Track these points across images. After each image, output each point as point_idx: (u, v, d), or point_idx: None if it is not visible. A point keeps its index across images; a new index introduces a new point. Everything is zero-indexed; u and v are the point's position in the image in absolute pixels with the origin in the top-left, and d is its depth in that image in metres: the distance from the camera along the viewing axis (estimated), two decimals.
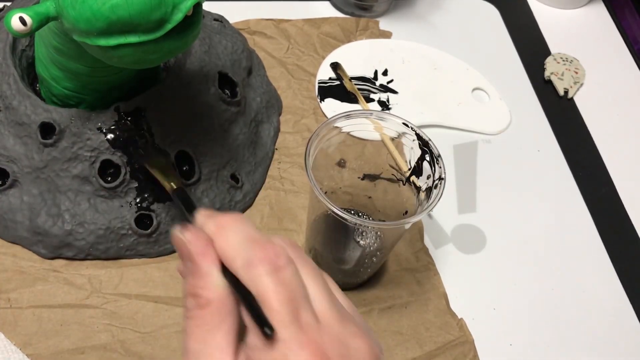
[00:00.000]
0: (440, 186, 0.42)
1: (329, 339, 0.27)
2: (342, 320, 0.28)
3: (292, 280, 0.27)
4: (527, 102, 0.65)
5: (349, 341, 0.27)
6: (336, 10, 0.69)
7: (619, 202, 0.58)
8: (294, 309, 0.27)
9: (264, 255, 0.27)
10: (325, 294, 0.28)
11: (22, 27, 0.36)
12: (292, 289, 0.27)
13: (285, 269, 0.27)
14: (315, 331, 0.27)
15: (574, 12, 0.75)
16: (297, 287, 0.27)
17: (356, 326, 0.28)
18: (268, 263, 0.27)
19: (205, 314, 0.28)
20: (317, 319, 0.27)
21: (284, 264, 0.27)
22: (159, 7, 0.35)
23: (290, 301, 0.27)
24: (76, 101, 0.47)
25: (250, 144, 0.54)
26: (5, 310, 0.45)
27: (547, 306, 0.51)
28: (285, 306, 0.26)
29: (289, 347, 0.26)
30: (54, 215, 0.47)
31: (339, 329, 0.27)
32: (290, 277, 0.27)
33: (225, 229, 0.29)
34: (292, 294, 0.27)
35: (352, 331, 0.28)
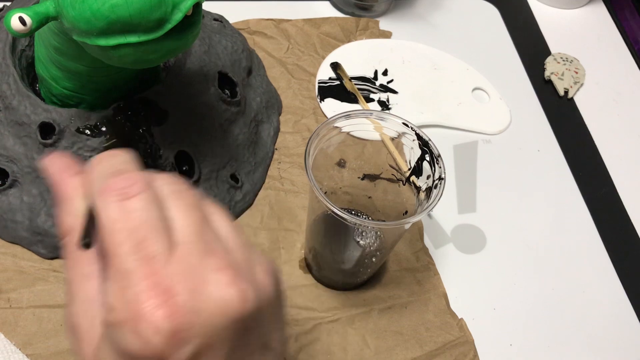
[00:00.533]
0: (440, 186, 0.42)
1: (178, 270, 0.24)
2: (205, 251, 0.25)
3: (141, 209, 0.25)
4: (527, 102, 0.65)
5: (207, 275, 0.24)
6: (336, 10, 0.69)
7: (619, 202, 0.58)
8: (138, 239, 0.24)
9: (115, 184, 0.25)
10: (193, 227, 0.25)
11: (21, 27, 0.36)
12: (138, 217, 0.25)
13: (136, 197, 0.25)
14: (161, 262, 0.24)
15: (574, 12, 0.75)
16: (147, 216, 0.25)
17: (221, 259, 0.25)
18: (117, 191, 0.25)
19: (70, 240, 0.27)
20: (170, 250, 0.24)
21: (135, 192, 0.25)
22: (158, 6, 0.35)
23: (133, 229, 0.24)
24: (76, 101, 0.47)
25: (250, 144, 0.54)
26: (5, 310, 0.45)
27: (547, 306, 0.51)
28: (126, 234, 0.24)
29: (126, 278, 0.24)
30: (54, 215, 0.47)
31: (197, 261, 0.24)
32: (140, 205, 0.25)
33: (97, 162, 0.27)
34: (137, 222, 0.24)
35: (213, 263, 0.24)
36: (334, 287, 0.49)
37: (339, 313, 0.48)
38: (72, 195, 0.27)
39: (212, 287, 0.24)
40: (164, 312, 0.23)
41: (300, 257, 0.51)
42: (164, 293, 0.23)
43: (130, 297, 0.23)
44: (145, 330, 0.23)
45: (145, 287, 0.23)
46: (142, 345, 0.23)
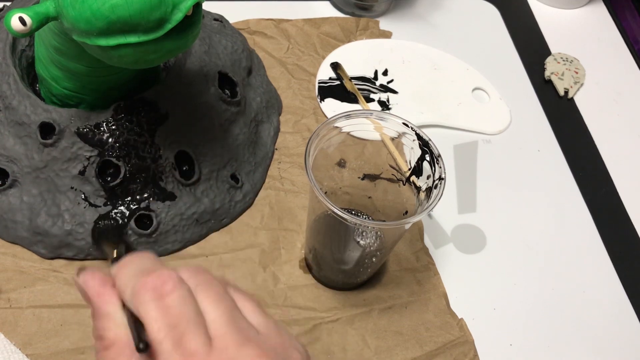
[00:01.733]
0: (440, 186, 0.42)
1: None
2: (240, 342, 0.26)
3: (178, 305, 0.26)
4: (527, 102, 0.65)
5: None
6: (336, 10, 0.69)
7: (619, 202, 0.58)
8: (178, 336, 0.26)
9: (149, 282, 0.27)
10: (225, 317, 0.27)
11: (21, 27, 0.36)
12: (176, 313, 0.26)
13: (171, 295, 0.26)
14: (202, 357, 0.25)
15: (574, 12, 0.75)
16: (184, 312, 0.26)
17: (257, 347, 0.26)
18: (152, 290, 0.27)
19: (110, 354, 0.27)
20: (209, 344, 0.26)
21: (169, 289, 0.27)
22: (158, 6, 0.35)
23: (172, 327, 0.26)
24: (76, 101, 0.47)
25: (250, 144, 0.54)
26: (5, 310, 0.45)
27: (547, 306, 0.51)
28: (166, 332, 0.26)
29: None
30: (54, 215, 0.47)
31: (234, 352, 0.26)
32: (176, 302, 0.26)
33: (122, 265, 0.29)
34: (176, 319, 0.26)
35: (250, 354, 0.26)
36: (334, 287, 0.49)
37: (339, 313, 0.48)
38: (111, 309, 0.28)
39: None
40: None
41: (300, 257, 0.51)
42: None
43: None
44: None
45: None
46: None
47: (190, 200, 0.49)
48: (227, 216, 0.51)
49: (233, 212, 0.51)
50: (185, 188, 0.49)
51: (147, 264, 0.29)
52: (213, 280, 0.28)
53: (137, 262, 0.29)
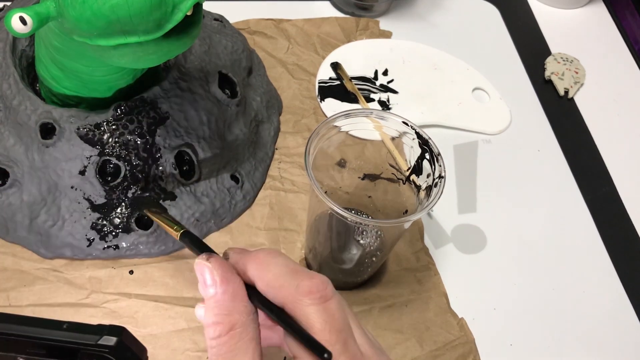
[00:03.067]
0: (440, 184, 0.42)
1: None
2: (379, 354, 0.29)
3: (339, 312, 0.28)
4: (527, 102, 0.65)
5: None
6: (336, 10, 0.69)
7: (619, 202, 0.58)
8: (344, 340, 0.27)
9: (311, 285, 0.28)
10: (360, 329, 0.29)
11: (22, 27, 0.36)
12: (339, 319, 0.28)
13: (332, 300, 0.28)
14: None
15: (574, 12, 0.75)
16: (344, 319, 0.28)
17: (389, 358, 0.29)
18: (316, 293, 0.28)
19: (230, 339, 0.28)
20: (361, 352, 0.28)
21: (331, 295, 0.28)
22: (159, 7, 0.35)
23: (339, 332, 0.27)
24: (76, 101, 0.47)
25: (250, 144, 0.54)
26: (4, 308, 0.45)
27: (547, 306, 0.51)
28: (336, 336, 0.27)
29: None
30: (54, 215, 0.47)
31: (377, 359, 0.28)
32: (337, 309, 0.28)
33: (263, 260, 0.30)
34: (341, 325, 0.27)
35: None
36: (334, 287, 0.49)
37: None
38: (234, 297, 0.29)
39: None
40: None
41: (301, 257, 0.51)
42: None
43: None
44: None
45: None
46: None
47: (190, 200, 0.49)
48: (227, 216, 0.51)
49: (233, 212, 0.51)
50: (185, 188, 0.49)
51: (290, 263, 0.29)
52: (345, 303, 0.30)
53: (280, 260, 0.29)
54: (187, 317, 0.46)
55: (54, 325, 0.33)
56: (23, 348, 0.33)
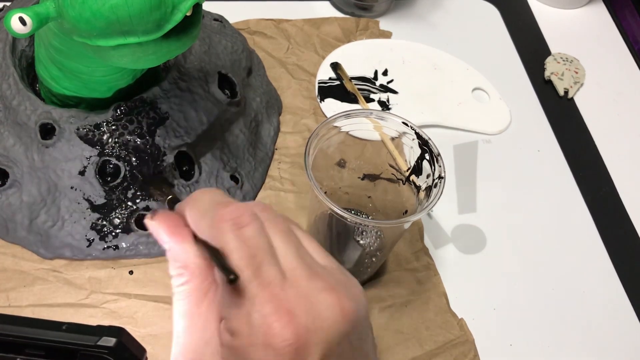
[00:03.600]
0: (440, 185, 0.42)
1: (293, 294, 0.27)
2: (310, 276, 0.28)
3: (255, 237, 0.27)
4: (527, 102, 0.65)
5: (315, 296, 0.27)
6: (336, 10, 0.69)
7: (619, 202, 0.58)
8: (256, 265, 0.27)
9: (227, 214, 0.28)
10: (293, 251, 0.28)
11: (21, 28, 0.36)
12: (254, 244, 0.27)
13: (248, 226, 0.27)
14: (279, 287, 0.26)
15: (574, 12, 0.75)
16: (260, 244, 0.27)
17: (325, 281, 0.28)
18: (230, 220, 0.27)
19: (189, 288, 0.29)
20: (282, 275, 0.27)
21: (247, 221, 0.27)
22: (158, 7, 0.35)
23: (251, 257, 0.27)
24: (76, 101, 0.47)
25: (250, 144, 0.54)
26: (4, 309, 0.45)
27: (547, 306, 0.51)
28: (246, 262, 0.27)
29: (252, 302, 0.26)
30: (54, 215, 0.47)
31: (305, 284, 0.27)
32: (253, 234, 0.27)
33: (194, 199, 0.30)
34: (254, 250, 0.27)
35: (319, 286, 0.27)
36: None
37: None
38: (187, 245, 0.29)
39: (323, 307, 0.27)
40: (291, 330, 0.26)
41: None
42: (287, 314, 0.26)
43: (256, 320, 0.26)
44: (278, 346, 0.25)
45: (270, 310, 0.26)
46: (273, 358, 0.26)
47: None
48: None
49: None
50: (185, 188, 0.49)
51: (218, 197, 0.29)
52: (279, 217, 0.29)
53: (208, 195, 0.30)
54: None
55: (53, 326, 0.33)
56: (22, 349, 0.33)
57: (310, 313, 0.26)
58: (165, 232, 0.30)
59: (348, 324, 0.27)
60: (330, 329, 0.27)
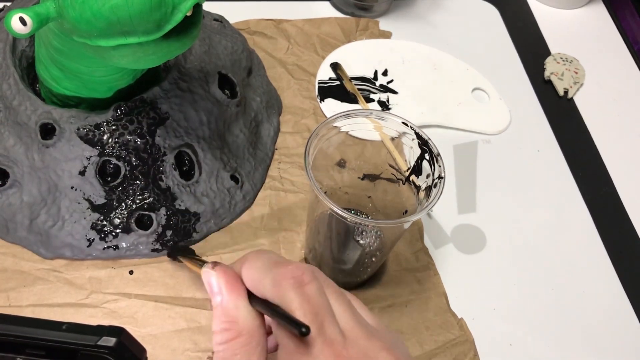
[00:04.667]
0: (439, 185, 0.42)
1: (355, 352, 0.27)
2: (368, 336, 0.28)
3: (317, 296, 0.28)
4: (527, 102, 0.65)
5: (376, 355, 0.28)
6: (336, 10, 0.69)
7: (619, 202, 0.58)
8: (320, 323, 0.27)
9: (288, 272, 0.28)
10: (349, 312, 0.29)
11: (22, 28, 0.36)
12: (316, 303, 0.28)
13: (310, 285, 0.28)
14: (341, 345, 0.27)
15: (574, 12, 0.75)
16: (322, 302, 0.28)
17: (382, 341, 0.28)
18: (293, 278, 0.28)
19: (236, 344, 0.29)
20: (343, 335, 0.28)
21: (308, 280, 0.28)
22: (158, 7, 0.35)
23: (315, 315, 0.27)
24: (76, 101, 0.47)
25: (250, 144, 0.54)
26: (4, 309, 0.45)
27: (547, 306, 0.51)
28: (311, 318, 0.27)
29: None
30: (54, 215, 0.47)
31: (365, 343, 0.28)
32: (315, 293, 0.28)
33: (250, 259, 0.30)
34: (317, 308, 0.28)
35: (378, 346, 0.28)
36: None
37: None
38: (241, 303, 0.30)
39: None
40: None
41: (301, 257, 0.51)
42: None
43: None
44: None
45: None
46: None
47: (190, 200, 0.49)
48: (227, 216, 0.51)
49: (233, 212, 0.51)
50: (185, 188, 0.49)
51: (274, 257, 0.30)
52: (328, 279, 0.30)
53: (265, 255, 0.30)
54: (186, 317, 0.46)
55: (53, 326, 0.33)
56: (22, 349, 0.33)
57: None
58: (224, 285, 0.30)
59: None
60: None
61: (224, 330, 0.29)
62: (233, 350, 0.29)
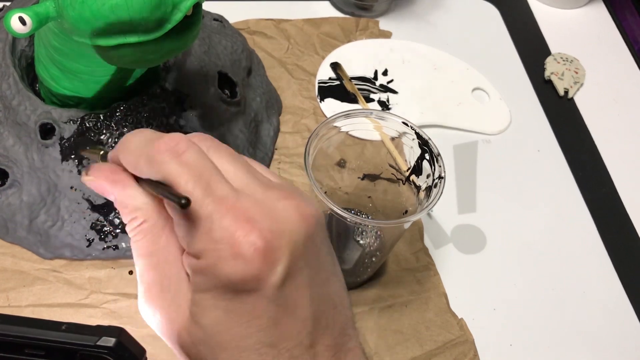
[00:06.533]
0: (440, 185, 0.42)
1: (250, 203, 0.26)
2: (264, 188, 0.27)
3: (197, 159, 0.27)
4: (527, 102, 0.65)
5: (274, 203, 0.27)
6: (336, 10, 0.69)
7: (619, 202, 0.58)
8: (205, 184, 0.26)
9: (162, 145, 0.27)
10: (243, 170, 0.28)
11: (21, 27, 0.36)
12: (197, 167, 0.27)
13: (187, 152, 0.27)
14: (234, 199, 0.26)
15: (574, 12, 0.75)
16: (204, 165, 0.27)
17: (280, 191, 0.28)
18: (167, 151, 0.27)
19: (145, 227, 0.29)
20: (235, 190, 0.27)
21: (184, 148, 0.27)
22: (158, 7, 0.35)
23: (198, 177, 0.26)
24: (76, 101, 0.47)
25: (250, 144, 0.54)
26: (4, 309, 0.45)
27: (547, 306, 0.51)
28: (193, 183, 0.26)
29: (210, 219, 0.26)
30: (54, 215, 0.47)
31: (261, 194, 0.27)
32: (194, 158, 0.27)
33: (123, 141, 0.29)
34: (198, 170, 0.27)
35: (275, 195, 0.27)
36: None
37: None
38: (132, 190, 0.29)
39: (283, 212, 0.27)
40: (255, 235, 0.25)
41: None
42: (247, 222, 0.26)
43: (219, 235, 0.26)
44: (246, 253, 0.25)
45: (230, 221, 0.26)
46: (245, 266, 0.25)
47: None
48: None
49: None
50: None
51: (149, 134, 0.29)
52: (223, 144, 0.29)
53: (138, 135, 0.29)
54: None
55: (52, 326, 0.33)
56: (22, 349, 0.33)
57: (271, 218, 0.26)
58: (106, 183, 0.29)
59: (310, 226, 0.27)
60: (294, 231, 0.26)
61: (131, 221, 0.29)
62: (144, 232, 0.29)
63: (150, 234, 0.29)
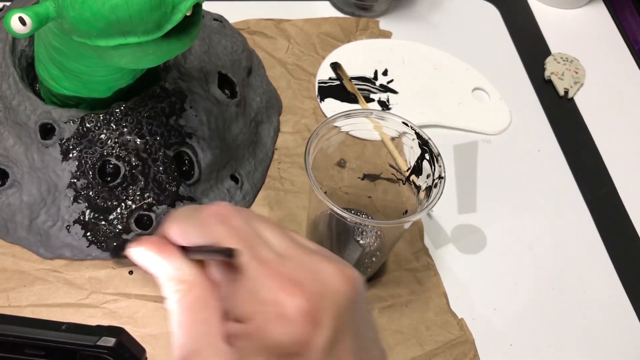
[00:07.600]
0: (440, 185, 0.42)
1: (294, 267, 0.27)
2: (306, 252, 0.28)
3: (243, 225, 0.28)
4: (527, 102, 0.65)
5: (317, 266, 0.27)
6: (336, 10, 0.69)
7: (619, 202, 0.58)
8: (251, 247, 0.27)
9: (212, 210, 0.28)
10: (283, 236, 0.29)
11: (21, 28, 0.36)
12: (244, 231, 0.28)
13: (234, 217, 0.28)
14: (278, 263, 0.27)
15: (574, 12, 0.75)
16: (250, 230, 0.28)
17: (321, 256, 0.28)
18: (216, 215, 0.28)
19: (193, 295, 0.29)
20: (278, 255, 0.27)
21: (232, 214, 0.28)
22: (158, 7, 0.35)
23: (244, 240, 0.27)
24: (76, 101, 0.47)
25: (250, 144, 0.54)
26: (4, 309, 0.45)
27: (547, 306, 0.51)
28: (241, 244, 0.27)
29: (255, 281, 0.26)
30: (54, 215, 0.47)
31: (304, 258, 0.28)
32: (241, 223, 0.28)
33: (171, 217, 0.30)
34: (245, 235, 0.27)
35: (317, 259, 0.28)
36: None
37: None
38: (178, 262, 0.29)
39: (327, 275, 0.27)
40: (300, 296, 0.26)
41: None
42: (292, 285, 0.26)
43: (264, 296, 0.26)
44: (292, 315, 0.25)
45: (275, 282, 0.26)
46: (290, 328, 0.25)
47: (189, 200, 0.49)
48: None
49: None
50: (185, 188, 0.49)
51: (193, 207, 0.30)
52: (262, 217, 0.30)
53: (185, 209, 0.30)
54: None
55: (52, 326, 0.33)
56: (22, 349, 0.33)
57: (316, 280, 0.27)
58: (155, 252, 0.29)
59: (353, 289, 0.27)
60: (338, 293, 0.27)
61: (175, 292, 0.29)
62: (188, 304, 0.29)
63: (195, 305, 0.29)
